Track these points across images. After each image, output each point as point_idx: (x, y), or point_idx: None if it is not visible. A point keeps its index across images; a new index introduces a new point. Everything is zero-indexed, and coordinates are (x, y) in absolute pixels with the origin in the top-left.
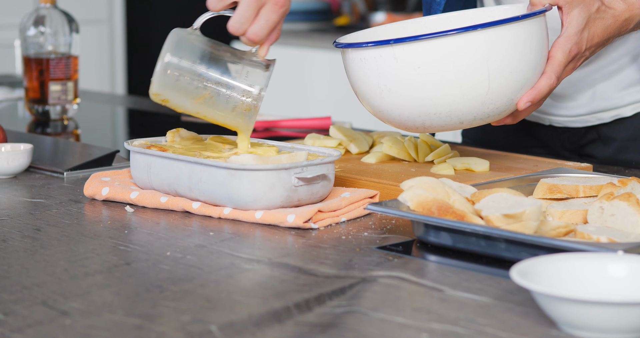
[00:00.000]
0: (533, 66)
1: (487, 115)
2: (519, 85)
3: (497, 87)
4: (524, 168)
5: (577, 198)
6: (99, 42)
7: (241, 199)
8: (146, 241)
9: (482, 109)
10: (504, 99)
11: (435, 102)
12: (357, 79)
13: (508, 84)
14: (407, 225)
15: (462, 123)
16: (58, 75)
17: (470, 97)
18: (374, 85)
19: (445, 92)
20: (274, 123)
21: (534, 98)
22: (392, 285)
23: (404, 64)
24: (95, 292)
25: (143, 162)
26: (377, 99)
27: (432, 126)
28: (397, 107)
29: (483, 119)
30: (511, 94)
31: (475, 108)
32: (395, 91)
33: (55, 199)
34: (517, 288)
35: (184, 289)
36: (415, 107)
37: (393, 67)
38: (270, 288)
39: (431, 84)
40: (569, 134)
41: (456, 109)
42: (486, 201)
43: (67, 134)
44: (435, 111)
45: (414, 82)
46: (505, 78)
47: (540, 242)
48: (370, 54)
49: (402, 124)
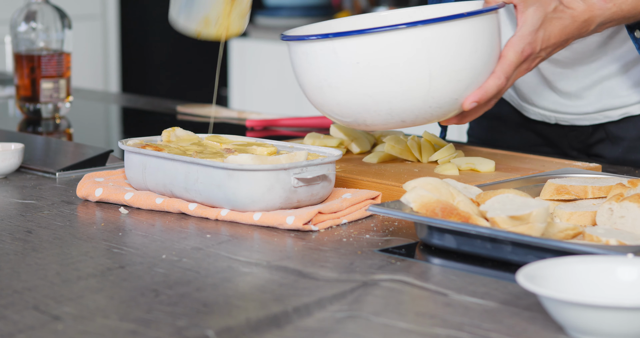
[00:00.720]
0: (480, 65)
1: (430, 114)
2: (463, 85)
3: (439, 86)
4: (531, 168)
5: (585, 199)
6: (92, 39)
7: (239, 201)
8: (141, 243)
9: (424, 108)
10: (448, 99)
11: (374, 99)
12: (300, 73)
13: (451, 83)
14: (410, 227)
15: (404, 122)
16: (50, 72)
17: (410, 95)
18: (316, 80)
19: (385, 89)
20: (273, 122)
21: (480, 98)
22: (394, 289)
23: (344, 59)
24: (88, 296)
25: (138, 162)
26: (318, 94)
27: (374, 123)
28: (338, 103)
29: (426, 118)
30: (455, 94)
31: (416, 107)
32: (336, 86)
33: (47, 200)
34: (523, 293)
35: (180, 293)
36: (355, 104)
37: (333, 61)
38: (268, 292)
39: (370, 80)
40: (576, 133)
41: (397, 107)
42: (492, 203)
43: (60, 133)
44: (375, 108)
45: (353, 78)
46: (448, 77)
47: (548, 245)
48: (312, 47)
49: (343, 120)
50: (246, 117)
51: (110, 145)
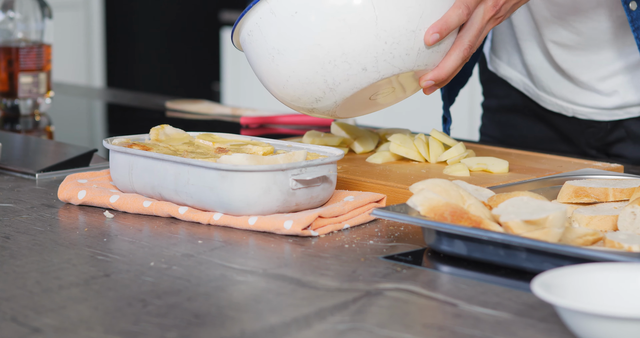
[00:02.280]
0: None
1: (392, 54)
2: (415, 12)
3: (385, 14)
4: (547, 168)
5: (606, 202)
6: (75, 29)
7: (233, 204)
8: (127, 250)
9: (380, 44)
10: (402, 30)
11: (323, 46)
12: (253, 60)
13: (399, 9)
14: (417, 233)
15: (366, 69)
16: (29, 65)
17: (359, 30)
18: (265, 54)
19: (331, 32)
20: (270, 119)
21: (441, 28)
22: (400, 299)
23: (282, 15)
24: (70, 307)
25: (124, 162)
26: (272, 69)
27: (336, 82)
28: (292, 70)
29: (389, 61)
30: (408, 23)
31: (371, 45)
32: (284, 50)
33: (26, 203)
34: (539, 303)
35: (170, 303)
36: (309, 61)
37: (273, 23)
38: (265, 303)
39: (314, 27)
40: (594, 129)
41: (349, 50)
42: (505, 206)
43: (39, 131)
44: (329, 58)
45: (297, 30)
46: (394, 3)
47: (565, 251)
48: (252, 21)
49: (307, 94)
50: (241, 114)
51: (94, 144)
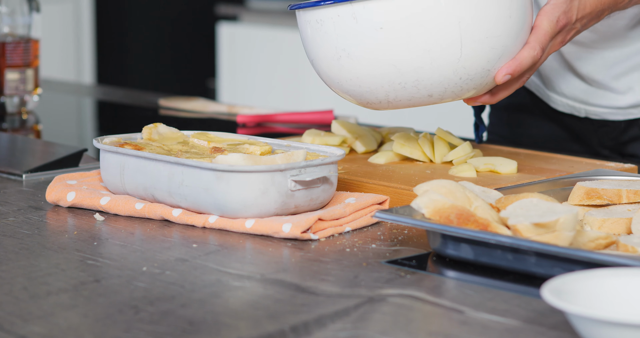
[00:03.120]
0: (514, 33)
1: (461, 88)
2: (496, 53)
3: (470, 53)
4: (558, 169)
5: (619, 204)
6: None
7: (229, 206)
8: (119, 254)
9: (454, 79)
10: (479, 69)
11: (399, 69)
12: (313, 45)
13: (484, 50)
14: (421, 236)
15: (431, 96)
16: (15, 61)
17: (440, 63)
18: (331, 50)
19: (412, 57)
20: (268, 117)
21: (514, 70)
22: (404, 306)
23: (365, 25)
24: (59, 314)
25: (115, 163)
26: (334, 66)
27: (398, 99)
28: (357, 76)
29: (456, 92)
30: (487, 64)
31: (446, 78)
32: (355, 56)
33: (12, 205)
34: (549, 309)
35: (163, 310)
36: (377, 76)
37: (352, 28)
38: (262, 309)
39: (395, 48)
40: (608, 128)
41: (424, 78)
42: (513, 208)
43: (27, 130)
44: (400, 80)
45: (376, 45)
46: (481, 43)
47: (577, 256)
48: (328, 13)
49: (363, 97)
50: (237, 113)
51: (84, 143)
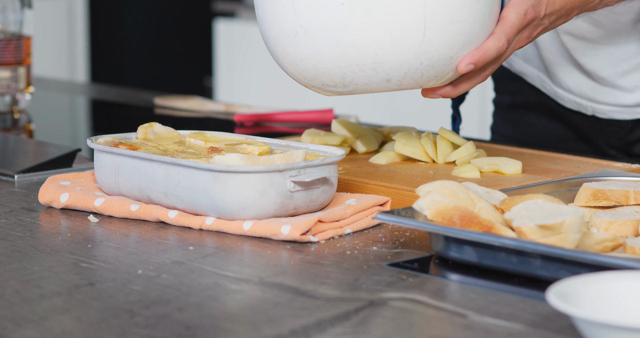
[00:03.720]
0: (479, 20)
1: (421, 74)
2: (460, 40)
3: (434, 37)
4: (564, 169)
5: (627, 205)
6: (56, 20)
7: (227, 207)
8: (113, 257)
9: (415, 64)
10: (441, 55)
11: (359, 49)
12: (268, 21)
13: (447, 35)
14: (423, 238)
15: (390, 82)
16: (7, 59)
17: (401, 45)
18: (288, 27)
19: (372, 37)
20: (266, 116)
21: (478, 60)
22: (405, 309)
23: (325, 0)
24: (52, 318)
25: (110, 163)
26: (290, 44)
27: (354, 82)
28: (313, 55)
29: (415, 79)
30: (450, 50)
31: (406, 62)
32: (313, 33)
33: (4, 207)
34: (554, 313)
35: (159, 314)
36: (335, 56)
37: (312, 3)
38: (261, 313)
39: (355, 25)
40: (615, 128)
41: (384, 60)
42: (518, 210)
43: (19, 129)
44: (358, 61)
45: (335, 22)
46: (445, 27)
47: (583, 258)
48: None
49: (317, 79)
50: (235, 112)
51: (78, 143)
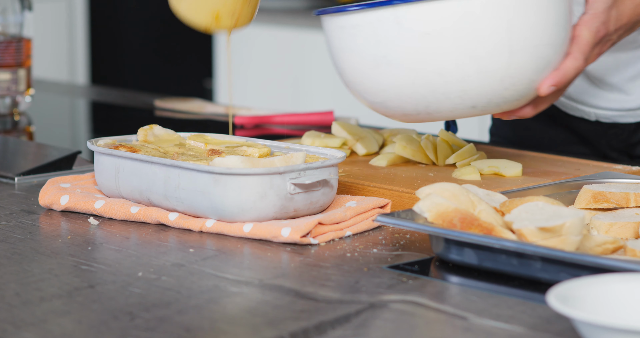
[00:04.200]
0: (559, 42)
1: (504, 99)
2: (542, 63)
3: (519, 63)
4: (564, 172)
5: (627, 208)
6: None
7: (227, 210)
8: (113, 259)
9: (500, 89)
10: (525, 80)
11: (445, 78)
12: (345, 52)
13: (531, 58)
14: (424, 240)
15: (475, 108)
16: (7, 61)
17: (487, 72)
18: (369, 57)
19: (458, 65)
20: (266, 119)
21: (559, 81)
22: (406, 312)
23: (409, 30)
24: (52, 320)
25: (110, 165)
26: (371, 75)
27: (439, 110)
28: (396, 86)
29: (499, 104)
30: (533, 74)
31: (491, 88)
32: (396, 64)
33: (4, 209)
34: (555, 316)
35: (159, 316)
36: (420, 85)
37: (395, 33)
38: (261, 315)
39: (441, 55)
40: (617, 130)
41: (470, 88)
42: (518, 212)
43: (19, 131)
44: (444, 90)
45: (420, 52)
46: (529, 53)
47: (583, 261)
48: (366, 18)
49: (399, 108)
50: (235, 114)
51: (78, 146)
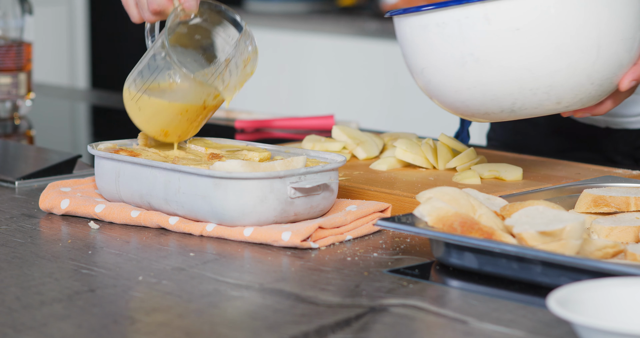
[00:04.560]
0: (638, 36)
1: (589, 94)
2: (627, 57)
3: (606, 58)
4: (564, 176)
5: (627, 212)
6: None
7: (227, 214)
8: (114, 263)
9: (586, 85)
10: (610, 74)
11: (534, 73)
12: (426, 51)
13: (617, 53)
14: (424, 245)
15: (559, 104)
16: (7, 65)
17: (576, 67)
18: (454, 55)
19: (549, 60)
20: (266, 123)
21: (639, 76)
22: (406, 316)
23: (499, 26)
24: (52, 324)
25: (110, 169)
26: (456, 73)
27: (523, 107)
28: (483, 83)
29: (582, 99)
30: (617, 69)
31: (578, 83)
32: (485, 61)
33: (4, 213)
34: (555, 320)
35: (159, 321)
36: (508, 81)
37: (484, 30)
38: (261, 319)
39: (532, 50)
40: (624, 133)
41: (558, 84)
42: (519, 216)
43: (19, 135)
44: (532, 86)
45: (511, 48)
46: (616, 46)
47: (584, 265)
48: (453, 15)
49: (482, 107)
50: (235, 118)
51: (78, 150)
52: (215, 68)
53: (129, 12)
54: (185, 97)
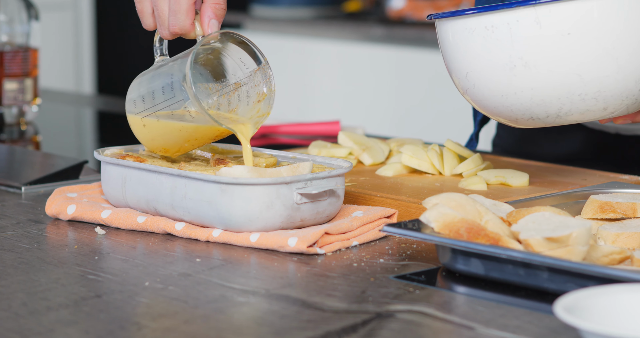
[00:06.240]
0: None
1: (635, 100)
2: None
3: None
4: (571, 182)
5: (634, 218)
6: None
7: (233, 220)
8: (120, 269)
9: (634, 90)
10: None
11: (584, 78)
12: (472, 55)
13: None
14: (430, 250)
15: (605, 110)
16: (14, 71)
17: (625, 72)
18: (504, 60)
19: (599, 66)
20: (272, 128)
21: None
22: (413, 322)
23: (550, 30)
24: (59, 330)
25: (116, 175)
26: (504, 77)
27: (570, 113)
28: (531, 88)
29: (628, 106)
30: None
31: (627, 88)
32: (534, 65)
33: (11, 219)
34: (562, 326)
35: (166, 326)
36: (557, 86)
37: (534, 34)
38: (267, 325)
39: (582, 55)
40: (632, 139)
41: (606, 89)
42: (525, 222)
43: (25, 141)
44: (581, 91)
45: (561, 52)
46: None
47: (590, 271)
48: (502, 19)
49: (528, 112)
50: None
51: (85, 155)
52: (221, 86)
53: (143, 20)
54: (197, 130)
